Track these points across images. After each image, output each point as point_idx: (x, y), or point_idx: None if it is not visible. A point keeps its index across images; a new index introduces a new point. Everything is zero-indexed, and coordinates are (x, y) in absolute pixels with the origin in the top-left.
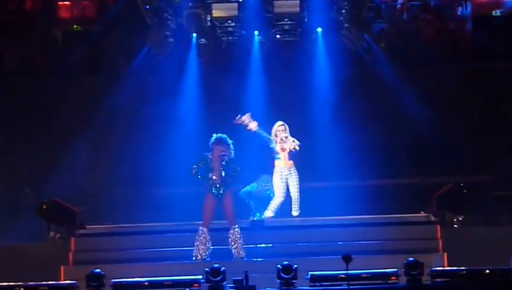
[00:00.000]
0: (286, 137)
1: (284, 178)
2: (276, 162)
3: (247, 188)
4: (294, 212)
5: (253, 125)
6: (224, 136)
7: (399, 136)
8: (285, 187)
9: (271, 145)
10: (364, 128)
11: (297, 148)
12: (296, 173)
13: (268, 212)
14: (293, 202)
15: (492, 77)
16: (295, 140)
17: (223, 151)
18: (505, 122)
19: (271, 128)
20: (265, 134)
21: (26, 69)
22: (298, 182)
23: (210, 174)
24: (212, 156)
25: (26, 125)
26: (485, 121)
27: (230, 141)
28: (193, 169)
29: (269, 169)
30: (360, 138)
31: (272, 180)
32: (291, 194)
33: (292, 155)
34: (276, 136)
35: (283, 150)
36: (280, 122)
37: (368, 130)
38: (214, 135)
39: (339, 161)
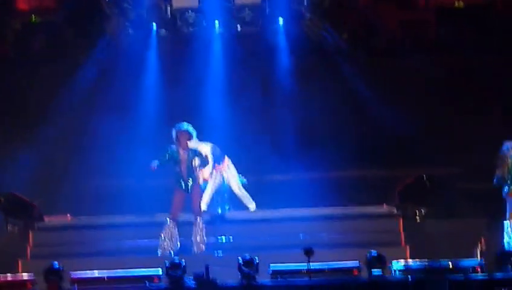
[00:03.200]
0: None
1: (219, 179)
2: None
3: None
4: (251, 207)
5: None
6: (186, 125)
7: (362, 127)
8: (221, 181)
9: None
10: (327, 119)
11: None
12: (232, 170)
13: (202, 205)
14: (242, 199)
15: (455, 68)
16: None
17: (186, 139)
18: (470, 114)
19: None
20: None
21: None
22: (236, 179)
23: (176, 168)
24: (179, 148)
25: None
26: (450, 112)
27: (193, 130)
28: (153, 167)
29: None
30: (323, 129)
31: None
32: (235, 191)
33: (216, 157)
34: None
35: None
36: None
37: (331, 122)
38: (177, 125)
39: (301, 152)
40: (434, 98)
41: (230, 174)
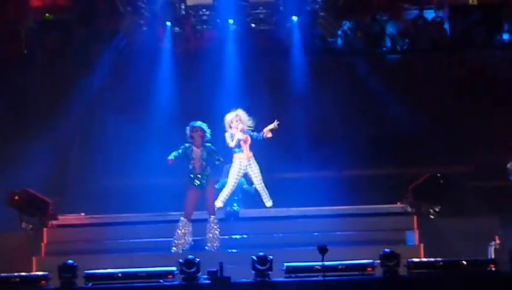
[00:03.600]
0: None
1: (243, 169)
2: (237, 155)
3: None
4: (268, 203)
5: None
6: (200, 123)
7: (376, 126)
8: (240, 178)
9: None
10: (341, 119)
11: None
12: (256, 164)
13: (218, 203)
14: (261, 194)
15: (469, 66)
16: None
17: (200, 137)
18: (483, 113)
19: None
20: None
21: None
22: (259, 173)
23: (190, 165)
24: (192, 145)
25: None
26: (463, 110)
27: (207, 128)
28: (170, 159)
29: (230, 159)
30: (336, 128)
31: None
32: (256, 186)
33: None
34: (231, 127)
35: (245, 142)
36: (236, 112)
37: (344, 121)
38: (192, 123)
39: (315, 151)
40: (447, 97)
41: (255, 169)
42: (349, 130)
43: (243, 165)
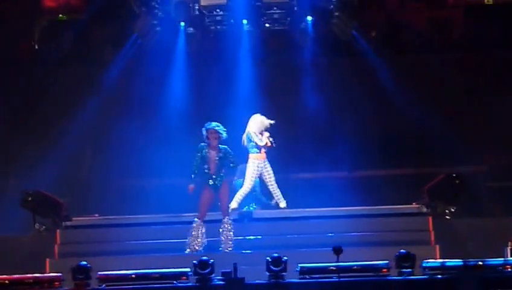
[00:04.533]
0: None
1: (259, 170)
2: (254, 155)
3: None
4: (282, 204)
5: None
6: (215, 124)
7: (390, 126)
8: (256, 180)
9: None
10: (355, 118)
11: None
12: (269, 165)
13: (234, 203)
14: (275, 195)
15: (484, 66)
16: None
17: (216, 139)
18: (498, 113)
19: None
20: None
21: (12, 58)
22: (273, 173)
23: (205, 166)
24: (208, 146)
25: (11, 115)
26: (478, 110)
27: (222, 129)
28: (191, 187)
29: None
30: (351, 128)
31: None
32: (270, 187)
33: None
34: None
35: (266, 144)
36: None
37: (359, 120)
38: (207, 124)
39: (328, 151)
40: (462, 96)
41: (270, 170)
42: (362, 130)
43: (260, 166)
